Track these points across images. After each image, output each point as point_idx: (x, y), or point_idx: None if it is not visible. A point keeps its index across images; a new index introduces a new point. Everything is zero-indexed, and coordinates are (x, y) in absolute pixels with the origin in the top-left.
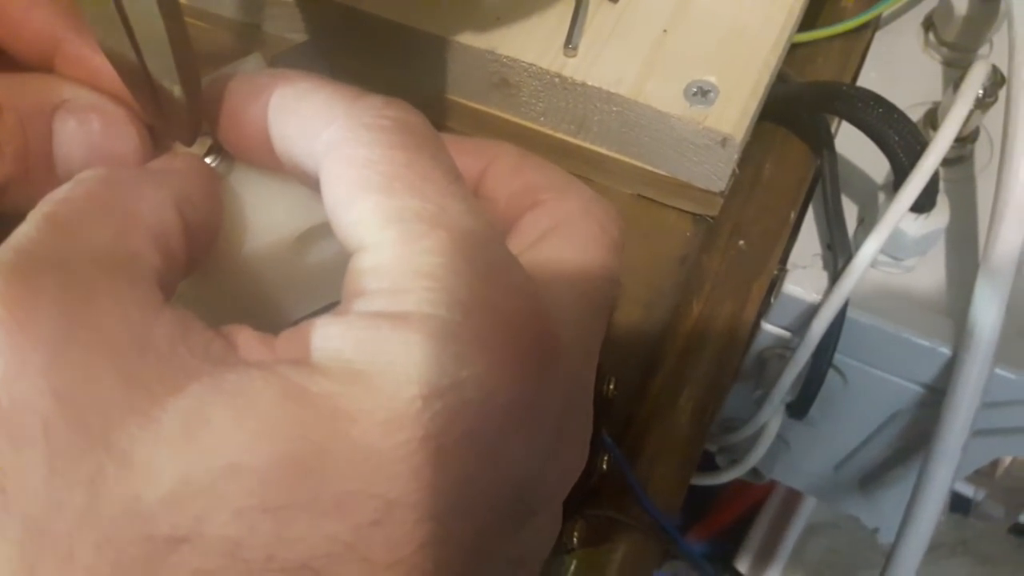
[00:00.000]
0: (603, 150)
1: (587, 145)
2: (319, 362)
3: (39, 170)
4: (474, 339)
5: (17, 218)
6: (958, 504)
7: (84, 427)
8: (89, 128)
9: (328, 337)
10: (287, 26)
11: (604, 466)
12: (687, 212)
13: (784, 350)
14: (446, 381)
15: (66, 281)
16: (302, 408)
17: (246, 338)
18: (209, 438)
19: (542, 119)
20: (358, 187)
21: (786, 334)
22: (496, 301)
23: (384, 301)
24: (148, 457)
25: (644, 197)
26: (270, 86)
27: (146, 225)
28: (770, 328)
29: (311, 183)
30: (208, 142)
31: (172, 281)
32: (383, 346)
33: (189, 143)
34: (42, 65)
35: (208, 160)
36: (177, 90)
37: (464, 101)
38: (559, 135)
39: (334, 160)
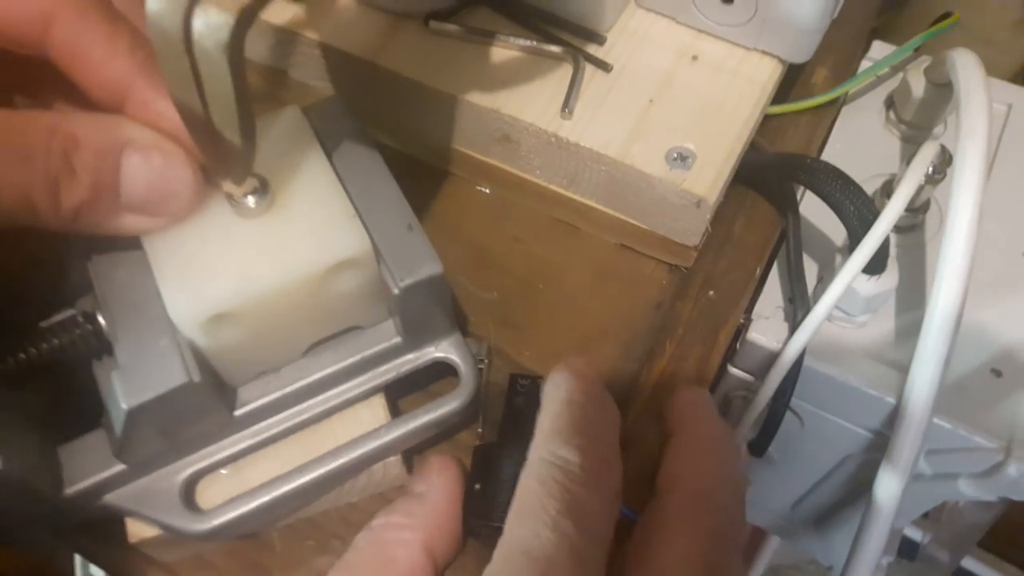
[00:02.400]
0: (591, 203)
1: (577, 198)
2: None
3: (107, 199)
4: None
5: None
6: (907, 549)
7: None
8: (151, 164)
9: None
10: (312, 74)
11: None
12: (664, 262)
13: (747, 392)
14: None
15: None
16: None
17: None
18: None
19: (538, 172)
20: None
21: (749, 378)
22: None
23: None
24: None
25: (626, 247)
26: None
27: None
28: (735, 372)
29: None
30: (254, 181)
31: None
32: None
33: (240, 183)
34: (113, 106)
35: (251, 197)
36: (236, 139)
37: (468, 151)
38: (552, 187)
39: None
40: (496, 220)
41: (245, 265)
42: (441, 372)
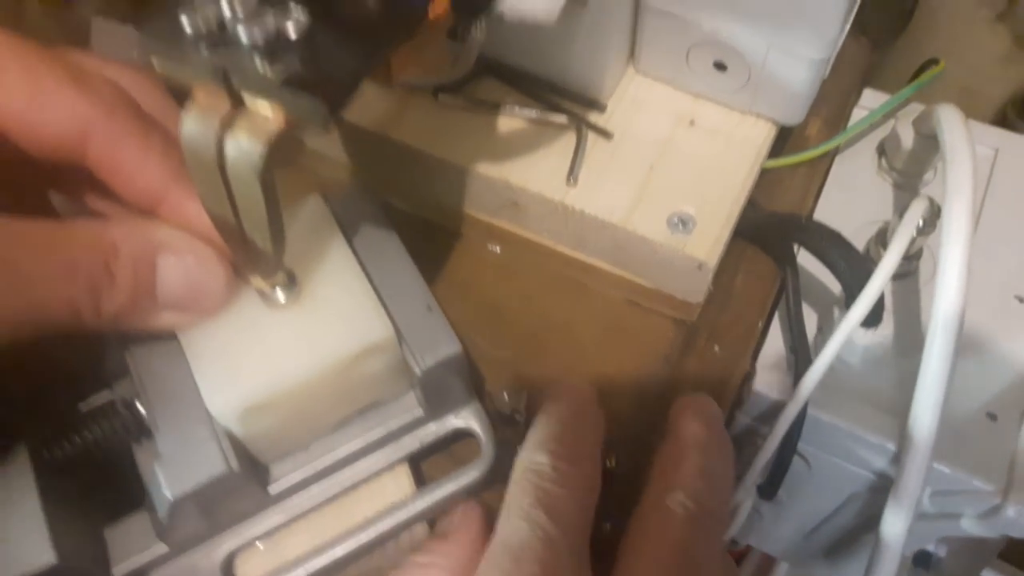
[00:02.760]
0: (598, 263)
1: (584, 258)
2: None
3: (145, 300)
4: None
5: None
6: (922, 560)
7: None
8: (185, 265)
9: None
10: (327, 144)
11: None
12: (669, 316)
13: (755, 437)
14: None
15: None
16: None
17: None
18: None
19: (545, 234)
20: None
21: (756, 424)
22: None
23: None
24: None
25: (633, 302)
26: None
27: None
28: (743, 418)
29: None
30: (282, 275)
31: None
32: None
33: (270, 279)
34: (148, 209)
35: (280, 290)
36: (267, 245)
37: (478, 215)
38: (560, 248)
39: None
40: (507, 278)
41: (277, 357)
42: (461, 433)
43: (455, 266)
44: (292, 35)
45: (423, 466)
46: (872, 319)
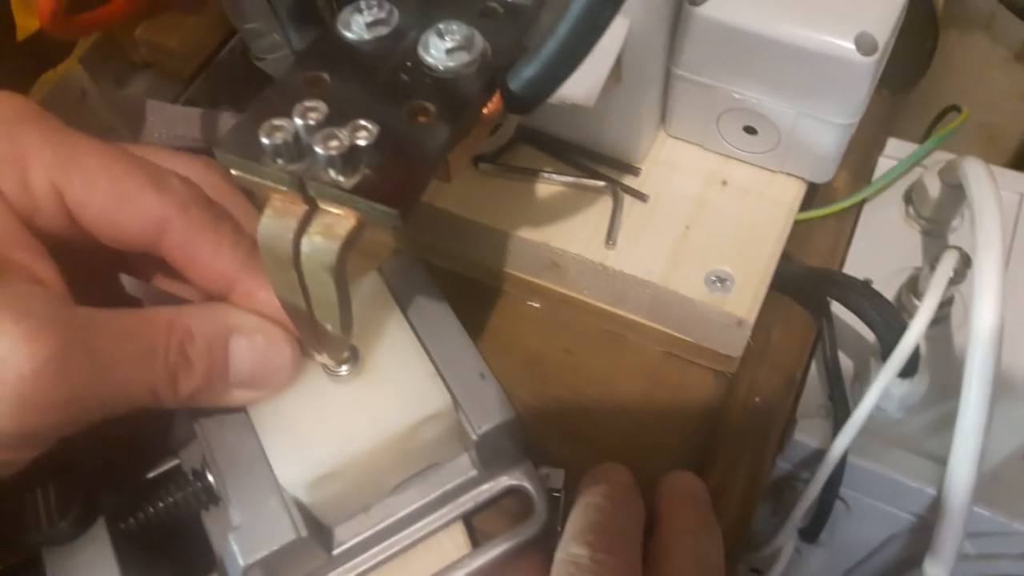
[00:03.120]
0: (637, 318)
1: (624, 314)
2: None
3: (219, 380)
4: None
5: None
6: None
7: None
8: (256, 346)
9: None
10: None
11: None
12: (709, 369)
13: (795, 482)
14: None
15: None
16: None
17: None
18: None
19: (585, 291)
20: None
21: (795, 470)
22: None
23: None
24: None
25: (672, 354)
26: None
27: None
28: (783, 464)
29: None
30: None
31: None
32: None
33: (337, 361)
34: (219, 294)
35: (344, 365)
36: (336, 331)
37: (519, 274)
38: (600, 304)
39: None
40: (547, 333)
41: (342, 428)
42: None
43: (497, 322)
44: (362, 145)
45: (474, 521)
46: (908, 370)
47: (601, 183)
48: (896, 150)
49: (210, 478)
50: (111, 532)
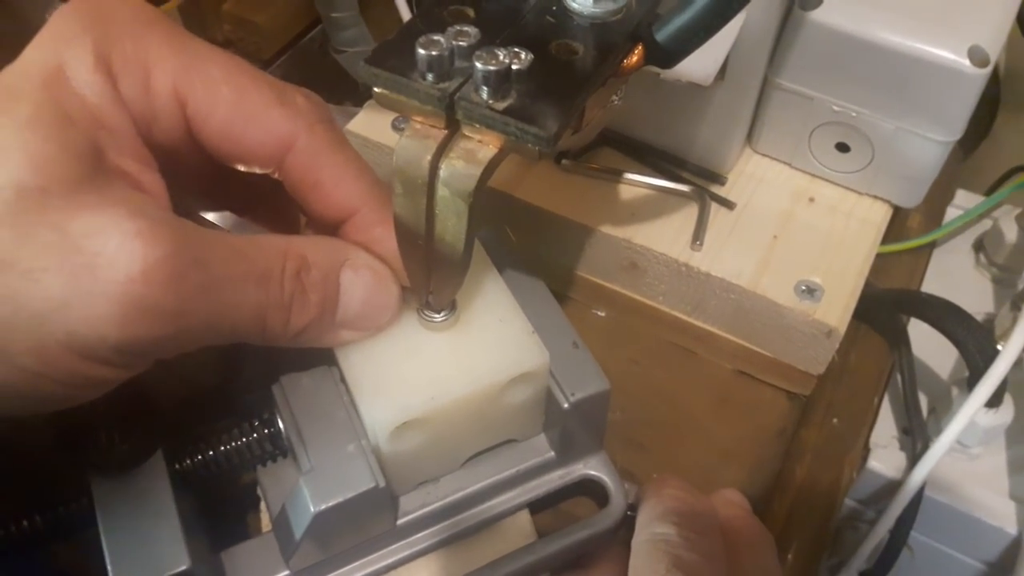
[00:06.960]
0: (714, 329)
1: (699, 323)
2: None
3: (328, 316)
4: None
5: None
6: None
7: None
8: (365, 282)
9: None
10: None
11: None
12: (782, 389)
13: (856, 522)
14: None
15: None
16: None
17: None
18: None
19: (661, 298)
20: None
21: (860, 507)
22: None
23: None
24: None
25: (743, 373)
26: None
27: None
28: (847, 501)
29: None
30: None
31: None
32: None
33: (440, 305)
34: (330, 228)
35: (442, 314)
36: (455, 272)
37: (591, 277)
38: (675, 313)
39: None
40: (612, 343)
41: (435, 375)
42: (571, 493)
43: None
44: (515, 69)
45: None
46: (995, 399)
47: (686, 187)
48: (965, 201)
49: (280, 424)
50: (169, 471)
